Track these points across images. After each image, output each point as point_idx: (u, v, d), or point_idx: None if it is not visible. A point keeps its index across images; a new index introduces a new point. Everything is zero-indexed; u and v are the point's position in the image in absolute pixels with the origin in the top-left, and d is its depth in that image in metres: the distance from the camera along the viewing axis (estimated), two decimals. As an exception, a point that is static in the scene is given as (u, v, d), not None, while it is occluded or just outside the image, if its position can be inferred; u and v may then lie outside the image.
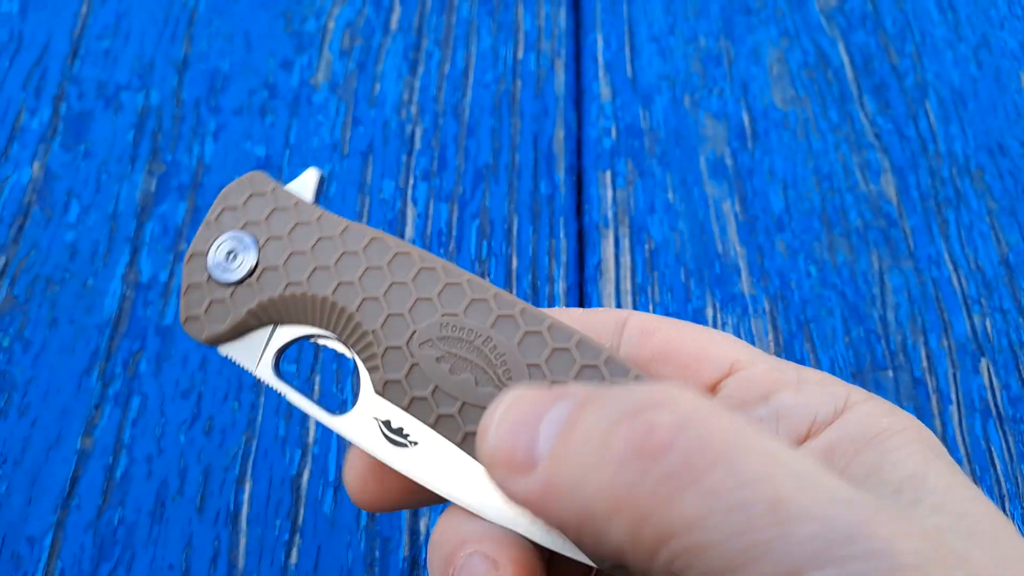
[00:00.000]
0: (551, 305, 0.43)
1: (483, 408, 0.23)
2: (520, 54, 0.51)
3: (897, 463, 0.21)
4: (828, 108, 0.50)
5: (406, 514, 0.37)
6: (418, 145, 0.47)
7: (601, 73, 0.51)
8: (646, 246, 0.45)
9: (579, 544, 0.19)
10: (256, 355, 0.25)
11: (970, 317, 0.43)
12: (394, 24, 0.52)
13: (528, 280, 0.43)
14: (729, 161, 0.48)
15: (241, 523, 0.36)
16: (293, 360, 0.40)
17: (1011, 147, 0.49)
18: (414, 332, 0.24)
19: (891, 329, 0.42)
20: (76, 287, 0.42)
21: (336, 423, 0.24)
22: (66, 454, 0.37)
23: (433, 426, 0.23)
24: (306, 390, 0.39)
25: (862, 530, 0.16)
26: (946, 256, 0.45)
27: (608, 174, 0.47)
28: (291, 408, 0.39)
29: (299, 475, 0.37)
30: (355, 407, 0.24)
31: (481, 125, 0.48)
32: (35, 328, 0.40)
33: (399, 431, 0.24)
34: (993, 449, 0.39)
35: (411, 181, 0.46)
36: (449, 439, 0.23)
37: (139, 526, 0.36)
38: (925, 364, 0.42)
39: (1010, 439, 0.40)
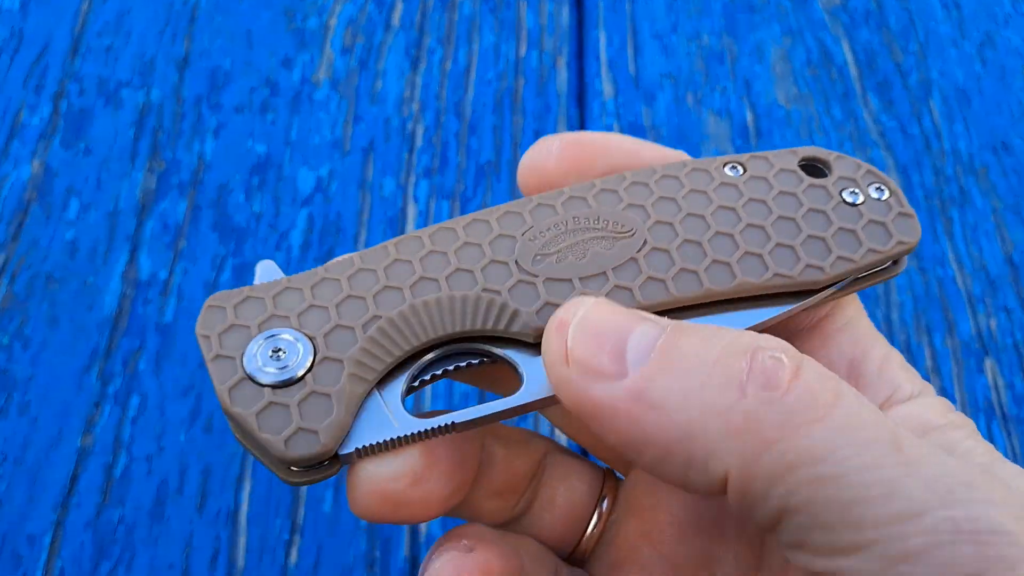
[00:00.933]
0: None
1: (630, 260, 0.23)
2: (522, 51, 0.51)
3: (967, 451, 0.22)
4: (831, 106, 0.49)
5: (407, 513, 0.37)
6: (419, 142, 0.47)
7: (603, 71, 0.51)
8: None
9: (654, 463, 0.19)
10: (386, 421, 0.21)
11: (975, 316, 0.43)
12: (396, 21, 0.51)
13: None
14: (732, 159, 0.47)
15: (241, 522, 0.36)
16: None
17: (1016, 145, 0.48)
18: (515, 261, 0.23)
19: (895, 328, 0.42)
20: (76, 285, 0.42)
21: (521, 397, 0.21)
22: (66, 452, 0.37)
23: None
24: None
25: (976, 480, 0.17)
26: (950, 255, 0.44)
27: (610, 172, 0.47)
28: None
29: (299, 474, 0.37)
30: (524, 375, 0.22)
31: (483, 122, 0.48)
32: (35, 326, 0.40)
33: None
34: (998, 449, 0.39)
35: (412, 178, 0.46)
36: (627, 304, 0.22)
37: (139, 525, 0.36)
38: (929, 364, 0.41)
39: (1015, 439, 0.39)
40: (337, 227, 0.44)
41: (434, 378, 0.23)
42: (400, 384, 0.22)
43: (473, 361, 0.23)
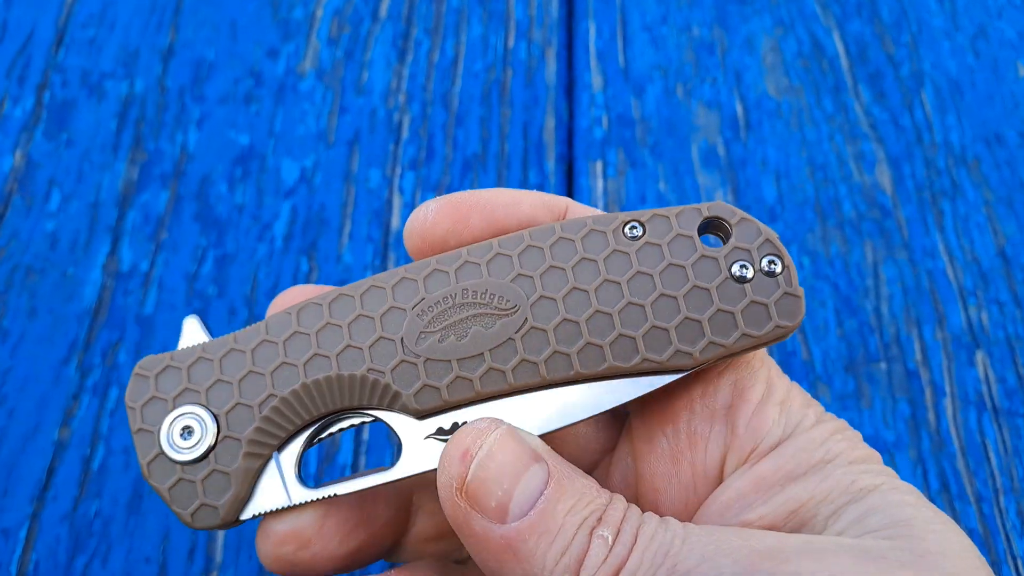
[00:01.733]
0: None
1: (506, 340, 0.24)
2: (511, 43, 0.50)
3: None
4: (822, 98, 0.49)
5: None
6: (406, 134, 0.47)
7: (593, 62, 0.50)
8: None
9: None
10: (280, 490, 0.24)
11: (966, 309, 0.42)
12: (383, 12, 0.51)
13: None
14: (722, 151, 0.47)
15: (219, 515, 0.36)
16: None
17: (1008, 137, 0.48)
18: (401, 339, 0.24)
19: (885, 321, 0.42)
20: (56, 276, 0.41)
21: (399, 470, 0.24)
22: (43, 445, 0.37)
23: (481, 392, 0.24)
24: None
25: None
26: (941, 247, 0.44)
27: (599, 164, 0.46)
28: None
29: (279, 467, 0.37)
30: (404, 448, 0.24)
31: (470, 114, 0.48)
32: (14, 318, 0.40)
33: (455, 426, 0.24)
34: (988, 443, 0.39)
35: (398, 170, 0.45)
36: (500, 390, 0.24)
37: (116, 518, 0.35)
38: (919, 356, 0.41)
39: (1005, 433, 0.39)
40: (321, 219, 0.43)
41: (329, 435, 0.25)
42: (297, 446, 0.24)
43: (365, 421, 0.25)
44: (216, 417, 0.24)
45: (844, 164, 0.46)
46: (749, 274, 0.24)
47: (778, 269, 0.24)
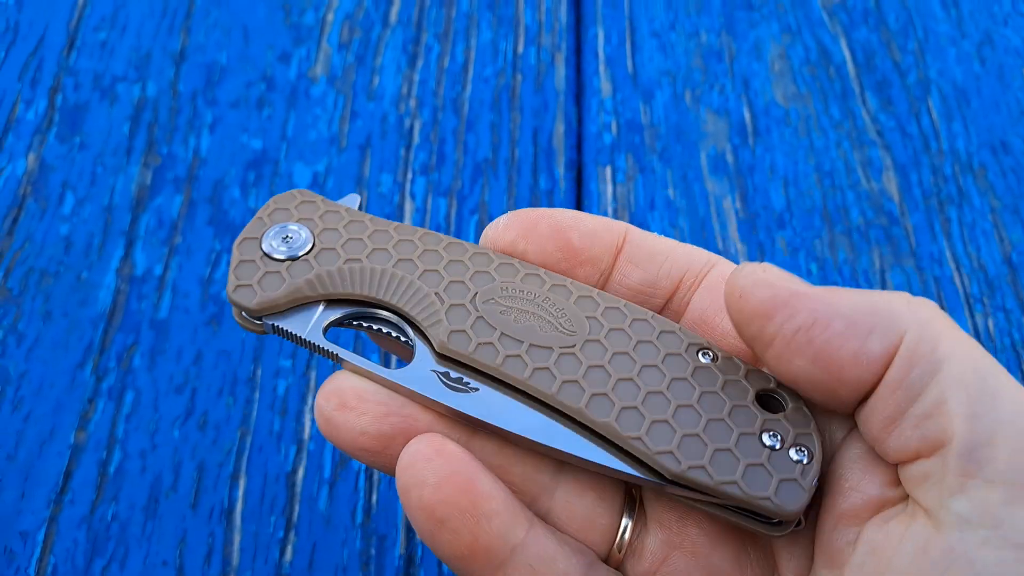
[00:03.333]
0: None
1: (548, 348, 0.26)
2: (520, 48, 0.51)
3: None
4: (830, 105, 0.49)
5: (402, 512, 0.36)
6: (417, 139, 0.47)
7: (602, 68, 0.51)
8: (646, 242, 0.45)
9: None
10: (305, 326, 0.26)
11: (972, 316, 0.43)
12: (393, 17, 0.51)
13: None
14: (730, 158, 0.47)
15: (235, 520, 0.36)
16: (289, 355, 0.40)
17: (1014, 145, 0.48)
18: (476, 293, 0.26)
19: (892, 328, 0.42)
20: (70, 280, 0.41)
21: (397, 375, 0.25)
22: (59, 448, 0.37)
23: (500, 367, 0.25)
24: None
25: None
26: (948, 255, 0.44)
27: (608, 170, 0.47)
28: (286, 404, 0.39)
29: (294, 471, 0.37)
30: (413, 362, 0.26)
31: (480, 119, 0.48)
32: (29, 321, 0.40)
33: (459, 380, 0.25)
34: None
35: (409, 175, 0.46)
36: (515, 376, 0.25)
37: (133, 522, 0.36)
38: (926, 363, 0.41)
39: (1011, 439, 0.39)
40: (333, 223, 0.44)
41: (358, 327, 0.27)
42: (342, 311, 0.27)
43: (393, 334, 0.27)
44: (312, 247, 0.27)
45: (852, 171, 0.47)
46: (777, 445, 0.24)
47: (805, 460, 0.24)
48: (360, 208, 0.29)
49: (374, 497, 0.37)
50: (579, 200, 0.46)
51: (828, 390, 0.23)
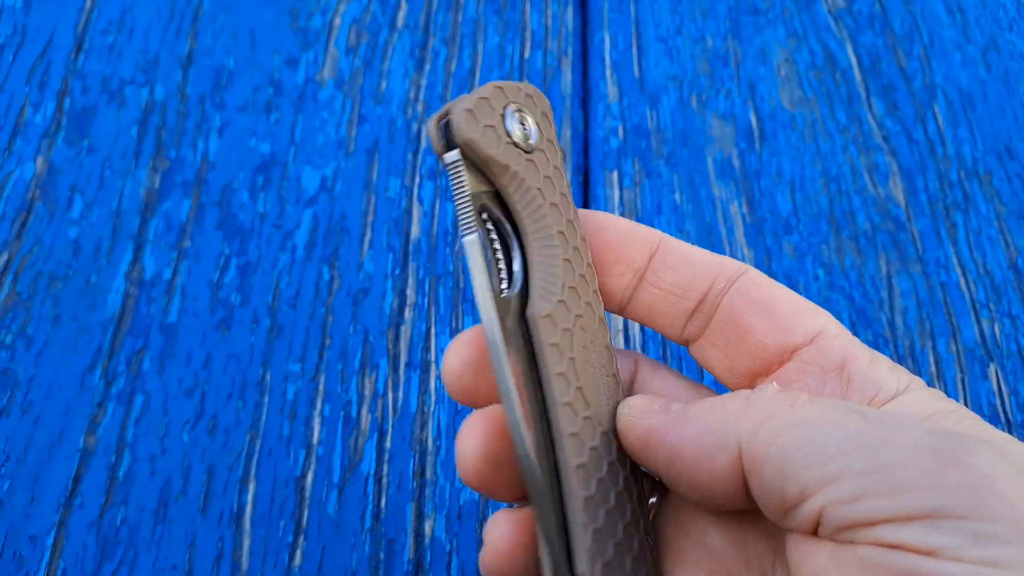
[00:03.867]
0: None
1: (585, 363, 0.26)
2: (527, 53, 0.51)
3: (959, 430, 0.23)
4: (836, 110, 0.49)
5: (411, 516, 0.36)
6: (424, 143, 0.47)
7: (608, 73, 0.51)
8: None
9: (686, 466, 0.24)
10: (469, 187, 0.25)
11: (978, 322, 0.43)
12: (400, 21, 0.51)
13: (534, 280, 0.43)
14: (736, 162, 0.47)
15: (245, 524, 0.36)
16: (298, 360, 0.40)
17: (1020, 150, 0.48)
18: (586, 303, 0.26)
19: (899, 333, 0.42)
20: (79, 284, 0.41)
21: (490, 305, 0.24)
22: (69, 452, 0.37)
23: (552, 373, 0.25)
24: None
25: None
26: (954, 260, 0.44)
27: (615, 174, 0.47)
28: (295, 408, 0.39)
29: (303, 476, 0.37)
30: (511, 299, 0.25)
31: (487, 124, 0.48)
32: (38, 325, 0.40)
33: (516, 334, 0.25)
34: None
35: (417, 179, 0.46)
36: (559, 391, 0.25)
37: (142, 526, 0.36)
38: (933, 369, 0.41)
39: (1018, 445, 0.39)
40: (342, 227, 0.44)
41: (484, 224, 0.26)
42: (491, 203, 0.26)
43: (501, 263, 0.26)
44: (531, 151, 0.26)
45: (858, 176, 0.47)
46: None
47: None
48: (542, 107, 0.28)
49: (383, 501, 0.37)
50: (586, 205, 0.46)
51: (719, 506, 0.24)
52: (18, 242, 0.42)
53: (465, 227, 0.25)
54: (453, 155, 0.25)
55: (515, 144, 0.25)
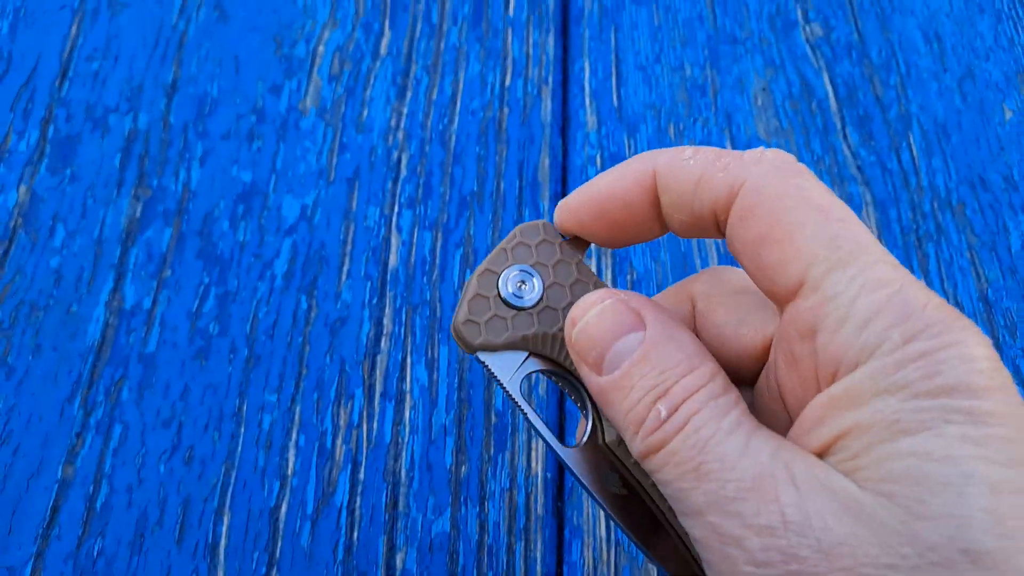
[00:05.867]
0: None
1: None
2: (508, 81, 0.51)
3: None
4: (811, 139, 0.50)
5: (383, 549, 0.37)
6: (404, 172, 0.48)
7: (587, 101, 0.51)
8: (628, 276, 0.45)
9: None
10: (509, 372, 0.28)
11: (947, 354, 0.43)
12: (384, 49, 0.52)
13: (510, 310, 0.44)
14: (712, 192, 0.48)
15: (219, 555, 0.37)
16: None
17: (993, 181, 0.49)
18: None
19: (868, 365, 0.43)
20: (60, 313, 0.42)
21: (565, 453, 0.27)
22: (47, 483, 0.38)
23: (648, 488, 0.26)
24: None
25: None
26: (925, 292, 0.45)
27: (592, 204, 0.47)
28: (271, 438, 0.39)
29: (277, 507, 0.38)
30: (583, 444, 0.27)
31: (467, 152, 0.49)
32: (18, 354, 0.41)
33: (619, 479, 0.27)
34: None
35: (396, 208, 0.46)
36: (658, 503, 0.26)
37: (119, 557, 0.36)
38: (901, 401, 0.42)
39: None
40: (321, 256, 0.44)
41: (549, 376, 0.29)
42: (539, 367, 0.28)
43: (576, 401, 0.29)
44: (539, 301, 0.28)
45: (832, 207, 0.48)
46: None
47: None
48: (563, 253, 0.29)
49: (355, 534, 0.37)
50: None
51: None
52: (0, 271, 0.43)
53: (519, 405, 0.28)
54: (478, 355, 0.27)
55: (522, 309, 0.28)
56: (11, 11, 0.51)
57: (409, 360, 0.42)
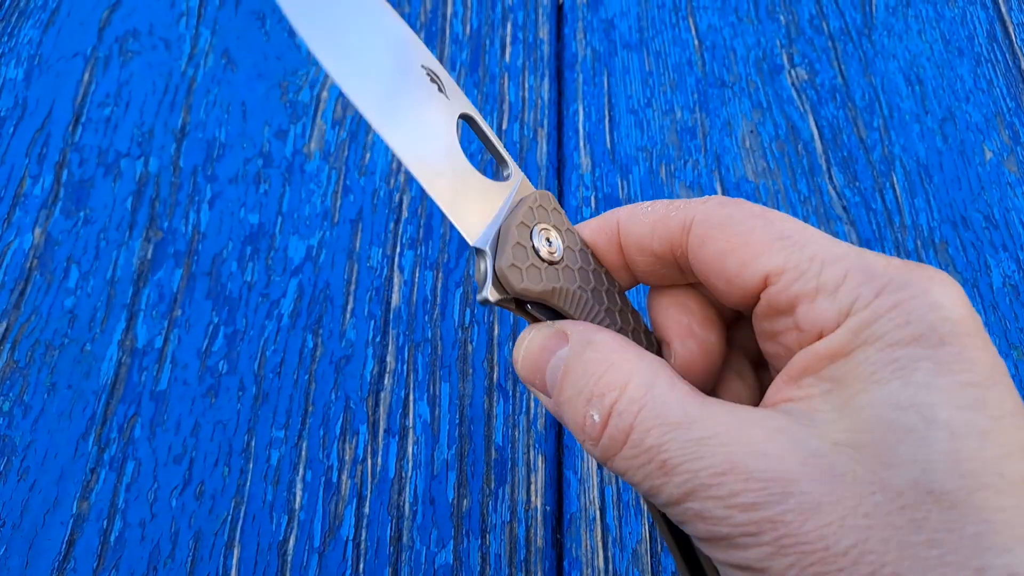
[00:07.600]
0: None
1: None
2: (504, 124, 0.53)
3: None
4: (798, 180, 0.52)
5: (387, 580, 0.38)
6: (405, 213, 0.49)
7: (582, 144, 0.53)
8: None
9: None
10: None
11: (930, 388, 0.45)
12: (384, 94, 0.54)
13: (509, 347, 0.45)
14: (703, 232, 0.50)
15: (229, 587, 0.38)
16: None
17: (974, 220, 0.51)
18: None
19: (855, 399, 0.44)
20: (74, 352, 0.43)
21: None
22: (63, 518, 0.39)
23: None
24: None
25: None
26: (908, 327, 0.47)
27: (587, 243, 0.49)
28: (279, 473, 0.41)
29: (285, 540, 0.39)
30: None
31: (466, 194, 0.50)
32: (34, 393, 0.42)
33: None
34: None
35: (398, 249, 0.48)
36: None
37: (131, 589, 0.38)
38: (886, 434, 0.43)
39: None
40: (326, 295, 0.46)
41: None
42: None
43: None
44: (561, 258, 0.29)
45: (818, 246, 0.49)
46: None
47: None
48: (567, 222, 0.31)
49: (361, 566, 0.39)
50: (559, 273, 0.49)
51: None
52: (16, 311, 0.44)
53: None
54: (500, 300, 0.28)
55: (551, 263, 0.29)
56: (26, 59, 0.53)
57: (412, 396, 0.44)
